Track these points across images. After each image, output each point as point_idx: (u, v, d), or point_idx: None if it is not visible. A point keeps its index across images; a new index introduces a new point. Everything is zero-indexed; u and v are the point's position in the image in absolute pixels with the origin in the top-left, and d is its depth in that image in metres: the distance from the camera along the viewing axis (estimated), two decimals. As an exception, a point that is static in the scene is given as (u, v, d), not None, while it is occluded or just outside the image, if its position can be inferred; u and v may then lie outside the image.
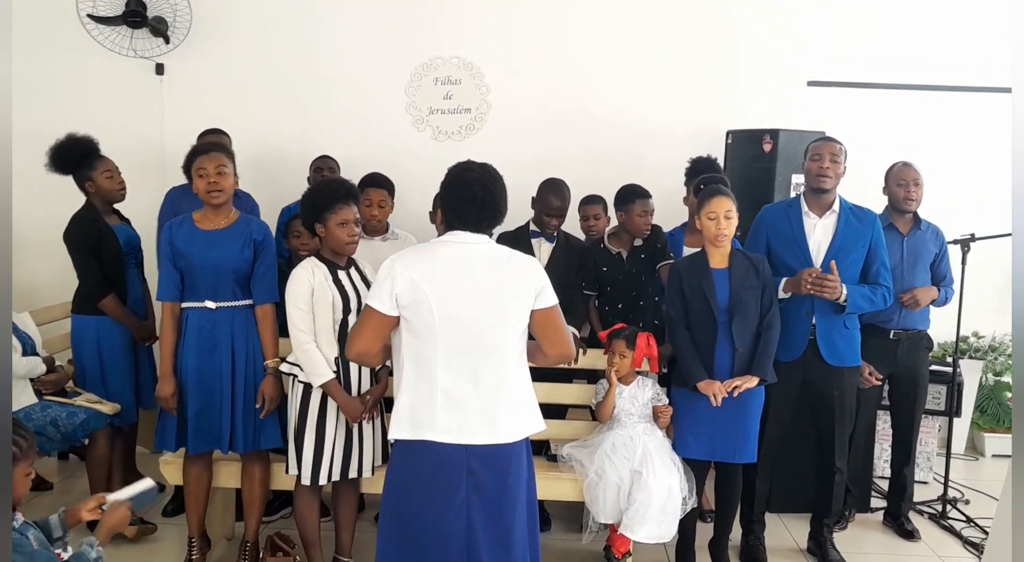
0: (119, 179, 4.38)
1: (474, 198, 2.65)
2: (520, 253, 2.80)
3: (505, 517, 2.65)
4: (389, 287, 2.60)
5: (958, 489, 5.01)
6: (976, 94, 5.80)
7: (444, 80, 5.83)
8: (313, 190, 3.53)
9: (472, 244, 2.68)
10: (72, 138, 4.31)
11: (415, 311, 2.60)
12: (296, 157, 5.49)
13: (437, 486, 2.60)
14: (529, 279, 2.68)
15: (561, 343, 2.76)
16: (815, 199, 3.96)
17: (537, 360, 2.83)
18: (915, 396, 4.46)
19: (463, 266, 2.63)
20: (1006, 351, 5.81)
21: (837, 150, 3.90)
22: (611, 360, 3.86)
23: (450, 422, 2.59)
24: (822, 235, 3.93)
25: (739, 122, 5.39)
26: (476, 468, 2.60)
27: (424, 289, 2.58)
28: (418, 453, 2.62)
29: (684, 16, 5.78)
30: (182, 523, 3.98)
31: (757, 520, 4.13)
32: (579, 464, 3.77)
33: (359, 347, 2.68)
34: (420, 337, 2.62)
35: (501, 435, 2.64)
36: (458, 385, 2.61)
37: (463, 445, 2.60)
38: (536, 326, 2.73)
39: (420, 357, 2.63)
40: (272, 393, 3.60)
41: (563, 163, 5.26)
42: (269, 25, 5.77)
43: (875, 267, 3.93)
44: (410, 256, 2.67)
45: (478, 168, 2.72)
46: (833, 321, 3.90)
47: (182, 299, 3.61)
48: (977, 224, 4.89)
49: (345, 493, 3.69)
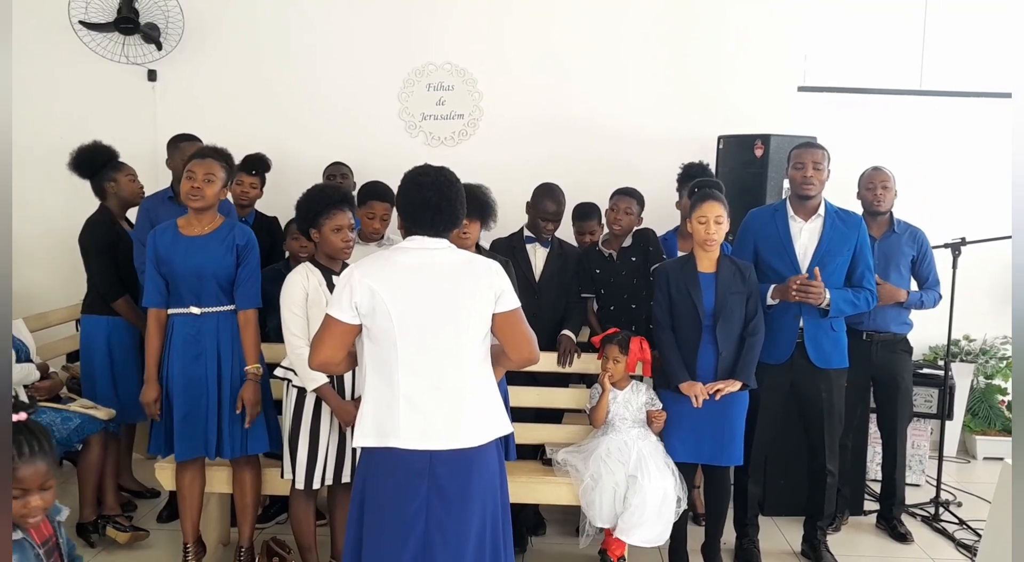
0: (139, 183, 4.52)
1: (428, 203, 2.64)
2: (481, 257, 2.79)
3: (465, 523, 2.62)
4: (348, 296, 2.59)
5: (950, 492, 5.03)
6: (966, 99, 5.83)
7: (437, 86, 5.84)
8: (308, 196, 3.53)
9: (431, 249, 2.67)
10: (98, 144, 4.41)
11: (374, 319, 2.59)
12: (289, 163, 5.49)
13: (396, 492, 2.59)
14: (488, 283, 2.65)
15: (523, 347, 2.72)
16: (800, 204, 3.99)
17: (502, 364, 2.81)
18: (896, 400, 4.48)
19: (421, 272, 2.63)
20: (997, 354, 5.84)
21: (820, 156, 3.94)
22: (605, 365, 3.88)
23: (412, 428, 2.59)
24: (808, 239, 3.97)
25: (730, 127, 5.41)
26: (439, 473, 2.59)
27: (382, 296, 2.57)
28: (381, 460, 2.62)
29: (676, 22, 5.81)
30: (176, 529, 3.97)
31: (751, 523, 4.15)
32: (574, 469, 3.78)
33: (321, 356, 2.66)
34: (380, 344, 2.62)
35: (464, 439, 2.62)
36: (420, 391, 2.60)
37: (426, 451, 2.59)
38: (498, 330, 2.70)
39: (381, 364, 2.63)
40: (252, 398, 3.58)
41: (555, 169, 5.27)
42: (261, 31, 5.78)
43: (860, 270, 3.97)
44: (368, 264, 2.66)
45: (433, 172, 2.70)
46: (820, 324, 3.93)
47: (168, 305, 3.61)
48: (967, 228, 4.92)
49: (340, 497, 3.68)
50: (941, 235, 4.71)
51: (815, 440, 4.04)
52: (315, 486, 3.47)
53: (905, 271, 4.46)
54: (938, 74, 5.81)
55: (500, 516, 2.76)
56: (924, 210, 5.05)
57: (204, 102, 5.76)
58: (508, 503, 2.84)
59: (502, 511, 2.78)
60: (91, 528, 4.09)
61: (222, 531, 4.13)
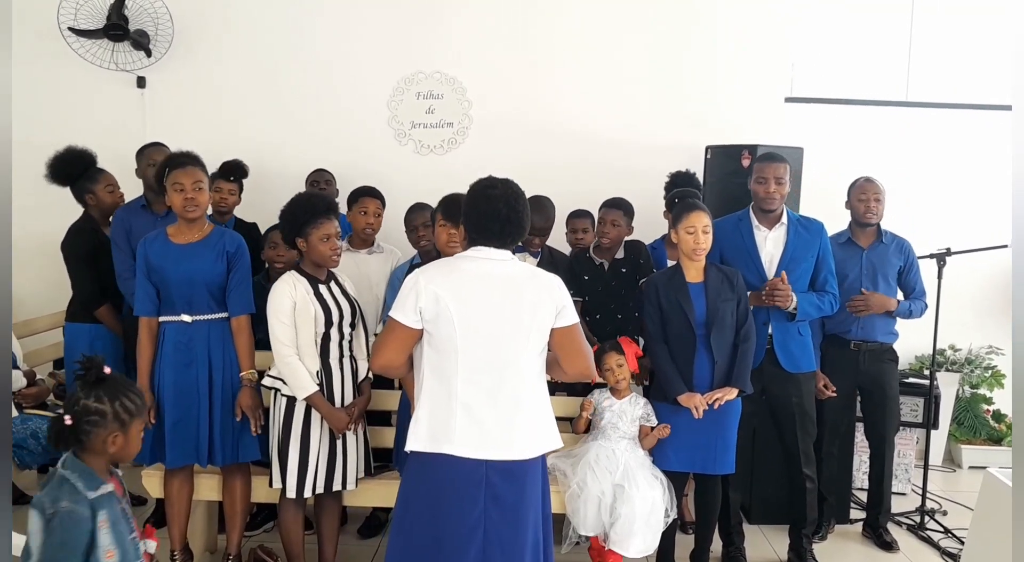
0: (119, 193, 4.46)
1: (498, 214, 2.67)
2: (544, 271, 2.82)
3: (521, 532, 2.67)
4: (414, 300, 2.63)
5: (936, 500, 5.06)
6: (954, 111, 5.88)
7: (426, 94, 5.86)
8: (293, 205, 3.52)
9: (495, 260, 2.71)
10: (72, 151, 4.35)
11: (437, 325, 2.62)
12: (278, 170, 5.50)
13: (455, 499, 2.62)
14: (550, 297, 2.70)
15: (580, 361, 2.77)
16: (764, 214, 4.05)
17: (556, 375, 2.86)
18: (884, 409, 4.50)
19: (486, 282, 2.66)
20: (982, 364, 5.88)
21: (782, 172, 3.98)
22: (612, 376, 3.84)
23: (468, 436, 2.61)
24: (773, 247, 4.03)
25: (718, 137, 5.44)
26: (495, 482, 2.62)
27: (447, 303, 2.60)
28: (436, 465, 2.64)
29: (664, 32, 5.84)
30: (163, 536, 3.94)
31: (735, 531, 4.17)
32: (562, 475, 3.78)
33: (384, 360, 2.70)
34: (441, 351, 2.65)
35: (518, 451, 2.66)
36: (477, 400, 2.63)
37: (482, 460, 2.61)
38: (556, 344, 2.75)
39: (441, 370, 2.66)
40: (250, 403, 3.59)
41: (544, 177, 5.27)
42: (251, 39, 5.79)
43: (823, 275, 4.04)
44: (434, 270, 2.71)
45: (501, 185, 2.74)
46: (787, 329, 3.99)
47: (159, 313, 3.61)
48: (953, 238, 4.95)
49: (328, 506, 3.69)
50: (926, 245, 4.74)
51: (790, 445, 4.08)
52: (306, 495, 3.47)
53: (893, 281, 4.49)
54: (924, 85, 5.86)
55: (543, 528, 2.80)
56: (910, 220, 5.08)
57: (193, 109, 5.76)
58: (551, 516, 2.88)
59: (545, 521, 2.82)
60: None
61: (209, 538, 4.12)
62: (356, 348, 3.61)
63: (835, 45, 5.91)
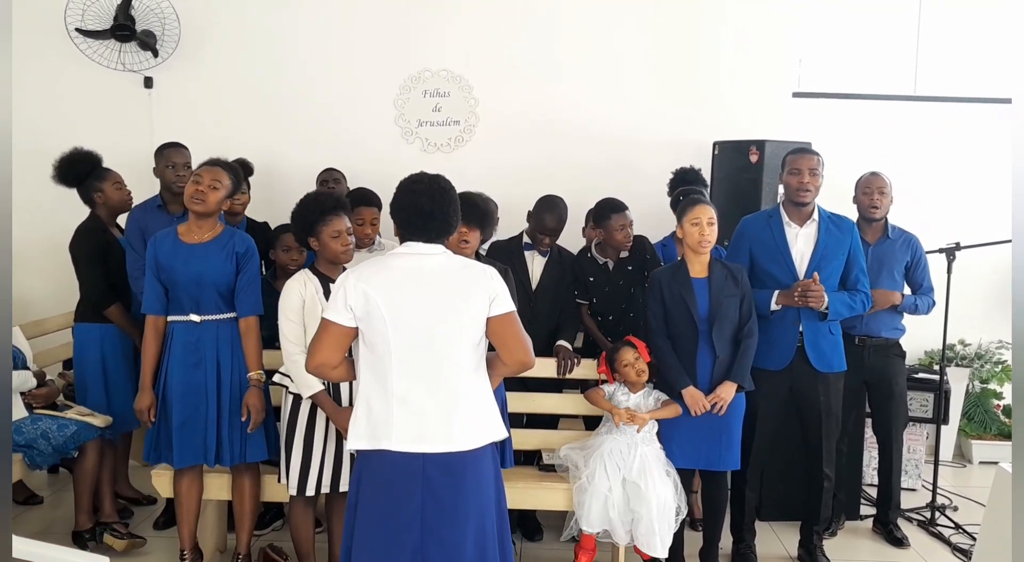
0: (127, 190, 4.47)
1: (421, 210, 2.67)
2: (476, 262, 2.81)
3: (460, 525, 2.64)
4: (343, 298, 2.63)
5: (946, 496, 5.04)
6: (961, 105, 5.86)
7: (433, 92, 5.85)
8: (303, 204, 3.53)
9: (425, 254, 2.70)
10: (79, 151, 4.35)
11: (369, 322, 2.62)
12: (285, 169, 5.51)
13: (393, 494, 2.61)
14: (482, 287, 2.68)
15: (517, 350, 2.73)
16: (795, 210, 4.01)
17: (498, 370, 2.82)
18: (891, 404, 4.49)
19: (415, 276, 2.65)
20: (992, 358, 5.85)
21: (816, 163, 3.96)
22: (630, 372, 3.81)
23: (407, 431, 2.61)
24: (804, 245, 3.99)
25: (726, 133, 5.42)
26: (432, 475, 2.61)
27: (376, 300, 2.60)
28: (375, 462, 2.64)
29: (671, 28, 5.83)
30: (173, 536, 3.98)
31: (747, 528, 4.16)
32: (574, 466, 3.78)
33: (318, 359, 2.68)
34: (375, 348, 2.64)
35: (457, 442, 2.64)
36: (414, 394, 2.62)
37: (419, 453, 2.61)
38: (492, 334, 2.72)
39: (376, 367, 2.65)
40: (256, 405, 3.60)
41: (551, 174, 5.30)
42: (258, 38, 5.79)
43: (854, 273, 4.01)
44: (363, 268, 2.69)
45: (427, 180, 2.73)
46: (819, 328, 3.95)
47: (167, 312, 3.62)
48: (962, 233, 4.93)
49: (338, 505, 3.68)
50: (936, 240, 4.73)
51: (813, 444, 4.06)
52: (308, 493, 3.48)
53: (899, 277, 4.47)
54: (932, 79, 5.85)
55: (496, 523, 2.76)
56: (918, 215, 5.06)
57: (200, 108, 5.77)
58: (506, 510, 2.84)
59: (498, 518, 2.78)
60: (87, 536, 4.08)
61: (219, 538, 4.13)
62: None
63: (842, 39, 5.89)
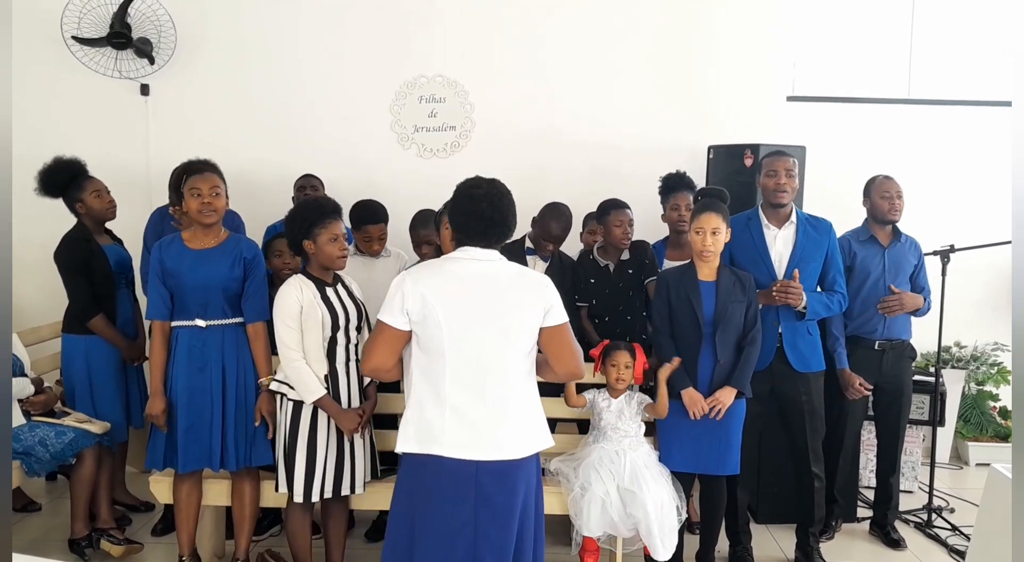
0: (108, 198, 4.41)
1: (481, 214, 2.68)
2: (531, 271, 2.84)
3: (510, 532, 2.67)
4: (400, 302, 2.64)
5: (943, 498, 5.05)
6: (955, 107, 5.89)
7: (428, 98, 5.87)
8: (299, 208, 3.56)
9: (481, 261, 2.72)
10: (59, 161, 4.32)
11: (424, 326, 2.64)
12: (282, 176, 5.51)
13: (445, 498, 2.63)
14: (537, 297, 2.71)
15: (570, 361, 2.78)
16: (773, 212, 4.05)
17: (546, 375, 2.85)
18: (900, 406, 4.51)
19: (472, 282, 2.67)
20: (988, 360, 5.87)
21: (791, 165, 4.00)
22: (616, 374, 3.80)
23: (457, 437, 2.62)
24: (783, 246, 4.03)
25: (720, 137, 5.45)
26: (485, 483, 2.63)
27: (433, 305, 2.62)
28: (426, 466, 2.65)
29: (665, 33, 5.85)
30: (171, 542, 3.98)
31: (742, 530, 4.17)
32: (565, 479, 3.79)
33: (373, 362, 2.72)
34: (429, 352, 2.66)
35: (508, 451, 2.66)
36: (465, 401, 2.64)
37: (472, 460, 2.62)
38: (545, 344, 2.75)
39: (429, 372, 2.67)
40: (270, 410, 3.62)
41: (548, 179, 5.31)
42: (254, 45, 5.80)
43: (831, 274, 4.06)
44: (420, 272, 2.72)
45: (486, 184, 2.75)
46: (797, 328, 4.00)
47: (172, 318, 3.62)
48: (957, 235, 4.95)
49: (335, 510, 3.70)
50: (930, 242, 4.74)
51: (799, 444, 4.09)
52: (314, 499, 3.48)
53: (908, 279, 4.48)
54: (926, 82, 5.87)
55: (534, 528, 2.80)
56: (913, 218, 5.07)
57: (197, 115, 5.78)
58: (543, 516, 2.88)
59: (537, 522, 2.82)
60: (84, 543, 4.07)
61: (217, 544, 4.13)
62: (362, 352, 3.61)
63: (836, 43, 5.91)
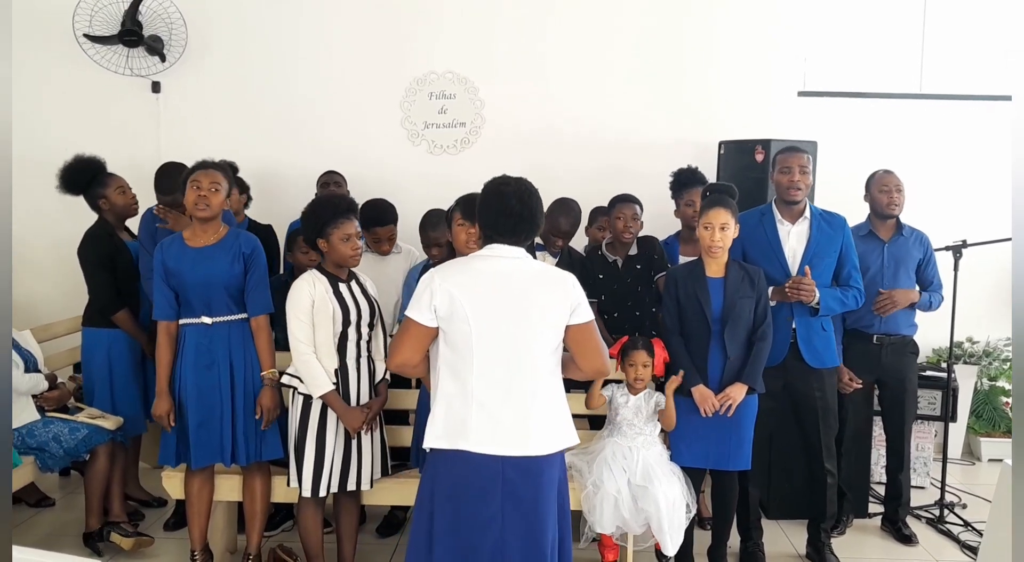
0: (131, 194, 4.46)
1: (511, 211, 2.69)
2: (557, 269, 2.85)
3: (537, 528, 2.68)
4: (428, 298, 2.66)
5: (955, 494, 5.04)
6: (966, 102, 5.85)
7: (438, 95, 5.87)
8: (314, 206, 3.57)
9: (508, 258, 2.73)
10: (81, 159, 4.35)
11: (452, 323, 2.65)
12: (293, 173, 5.53)
13: (472, 495, 2.64)
14: (564, 295, 2.72)
15: (595, 358, 2.78)
16: (787, 208, 4.04)
17: (571, 373, 2.86)
18: (903, 401, 4.49)
19: (499, 280, 2.68)
20: (1000, 356, 5.84)
21: (805, 161, 3.99)
22: (634, 373, 3.76)
23: (484, 433, 2.64)
24: (796, 242, 4.02)
25: (731, 133, 5.43)
26: (512, 478, 2.64)
27: (461, 302, 2.63)
28: (453, 462, 2.66)
29: (676, 28, 5.84)
30: (183, 537, 4.00)
31: (754, 526, 4.16)
32: (578, 473, 3.79)
33: (400, 358, 2.73)
34: (456, 349, 2.67)
35: (534, 447, 2.67)
36: (492, 397, 2.65)
37: (498, 456, 2.64)
38: (571, 341, 2.76)
39: (456, 368, 2.68)
40: (270, 404, 3.63)
41: (558, 176, 5.30)
42: (264, 42, 5.82)
43: (846, 269, 4.04)
44: (448, 269, 2.74)
45: (514, 182, 2.76)
46: (811, 324, 3.98)
47: (178, 317, 3.64)
48: (969, 230, 4.93)
49: (346, 505, 3.71)
50: (942, 238, 4.72)
51: (812, 440, 4.07)
52: (322, 494, 3.49)
53: (913, 274, 4.47)
54: (938, 77, 5.84)
55: (560, 523, 2.80)
56: (925, 213, 5.06)
57: (208, 112, 5.80)
58: (569, 511, 2.88)
59: (563, 518, 2.82)
60: (97, 537, 4.10)
61: (229, 539, 4.15)
62: (374, 348, 3.63)
63: (847, 37, 5.88)
